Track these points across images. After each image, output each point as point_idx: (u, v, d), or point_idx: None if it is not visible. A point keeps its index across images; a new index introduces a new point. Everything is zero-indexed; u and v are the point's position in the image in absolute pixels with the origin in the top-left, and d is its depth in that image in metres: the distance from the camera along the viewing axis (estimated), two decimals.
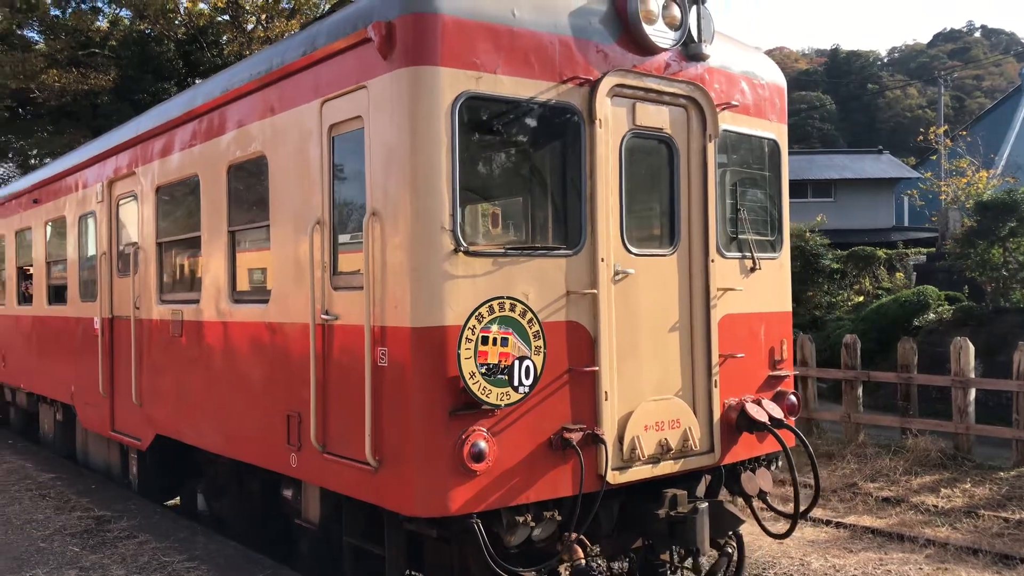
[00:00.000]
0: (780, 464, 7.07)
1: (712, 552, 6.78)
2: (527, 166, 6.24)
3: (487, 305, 5.28)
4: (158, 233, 8.92)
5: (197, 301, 8.04)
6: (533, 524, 5.57)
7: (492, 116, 5.66)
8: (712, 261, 6.53)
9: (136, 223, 9.39)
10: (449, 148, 5.34)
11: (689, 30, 6.36)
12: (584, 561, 5.65)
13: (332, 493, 6.30)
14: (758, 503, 7.07)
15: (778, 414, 6.67)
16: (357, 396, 5.64)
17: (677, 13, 6.28)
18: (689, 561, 6.81)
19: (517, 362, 5.35)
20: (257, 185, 7.11)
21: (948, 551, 8.76)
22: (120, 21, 29.43)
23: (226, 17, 28.40)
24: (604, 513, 6.02)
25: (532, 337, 5.44)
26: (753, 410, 6.53)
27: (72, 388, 11.32)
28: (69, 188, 11.61)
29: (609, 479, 5.78)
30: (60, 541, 8.40)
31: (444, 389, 5.26)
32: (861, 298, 21.43)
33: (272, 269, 6.90)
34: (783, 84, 7.44)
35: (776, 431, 6.60)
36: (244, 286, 7.57)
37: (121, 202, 9.92)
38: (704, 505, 6.26)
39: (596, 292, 5.87)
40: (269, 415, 6.79)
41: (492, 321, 5.29)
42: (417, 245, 5.30)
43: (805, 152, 45.16)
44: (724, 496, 6.91)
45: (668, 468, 6.18)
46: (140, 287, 9.20)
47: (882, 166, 41.60)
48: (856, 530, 9.52)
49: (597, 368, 5.84)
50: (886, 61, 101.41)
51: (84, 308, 10.86)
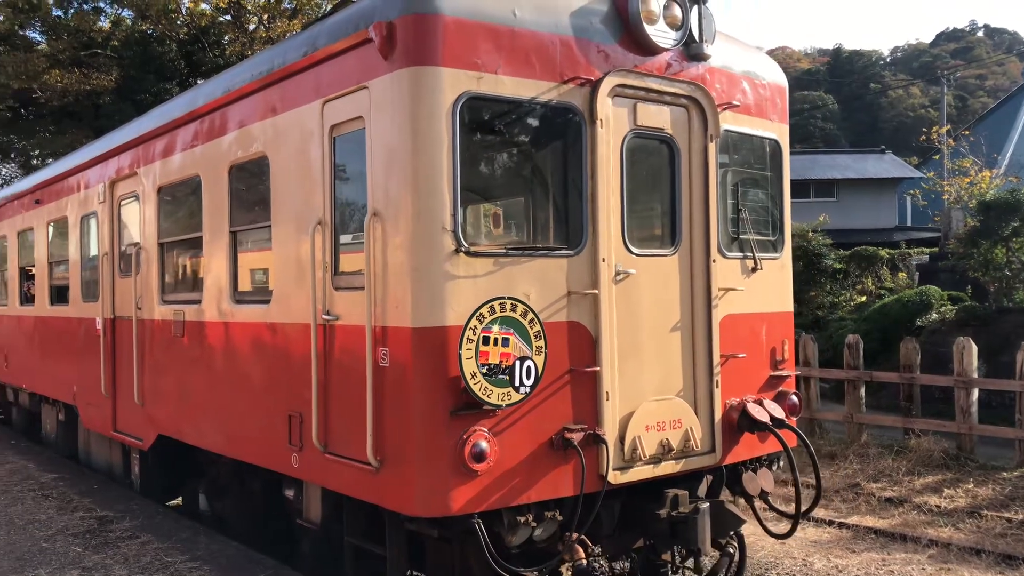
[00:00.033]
0: (782, 464, 7.06)
1: (713, 552, 6.78)
2: (528, 166, 6.24)
3: (488, 305, 5.28)
4: (160, 233, 8.93)
5: (199, 301, 8.05)
6: (534, 524, 5.57)
7: (493, 116, 5.66)
8: (713, 261, 6.52)
9: (138, 223, 9.40)
10: (450, 148, 5.34)
11: (690, 30, 6.35)
12: (585, 561, 5.64)
13: (333, 493, 6.30)
14: (760, 503, 7.06)
15: (779, 414, 6.67)
16: (358, 396, 5.64)
17: (678, 13, 6.27)
18: (690, 561, 6.81)
19: (518, 362, 5.35)
20: (259, 185, 7.12)
21: (951, 551, 8.75)
22: (122, 21, 29.47)
23: (228, 17, 28.42)
24: (605, 513, 6.02)
25: (533, 337, 5.44)
26: (754, 410, 6.53)
27: (74, 388, 11.33)
28: (71, 188, 11.62)
29: (610, 479, 5.78)
30: (63, 541, 8.41)
31: (445, 389, 5.26)
32: (864, 298, 21.42)
33: (273, 269, 6.90)
34: (784, 84, 7.43)
35: (777, 431, 6.60)
36: (246, 286, 7.58)
37: (123, 202, 9.94)
38: (705, 505, 6.26)
39: (597, 292, 5.86)
40: (270, 415, 6.80)
41: (493, 321, 5.29)
42: (418, 245, 5.31)
43: (808, 152, 45.16)
44: (725, 496, 6.91)
45: (669, 468, 6.18)
46: (142, 287, 9.21)
47: (885, 166, 41.59)
48: (859, 530, 9.52)
49: (598, 368, 5.84)
50: (889, 60, 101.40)
51: (86, 308, 10.87)
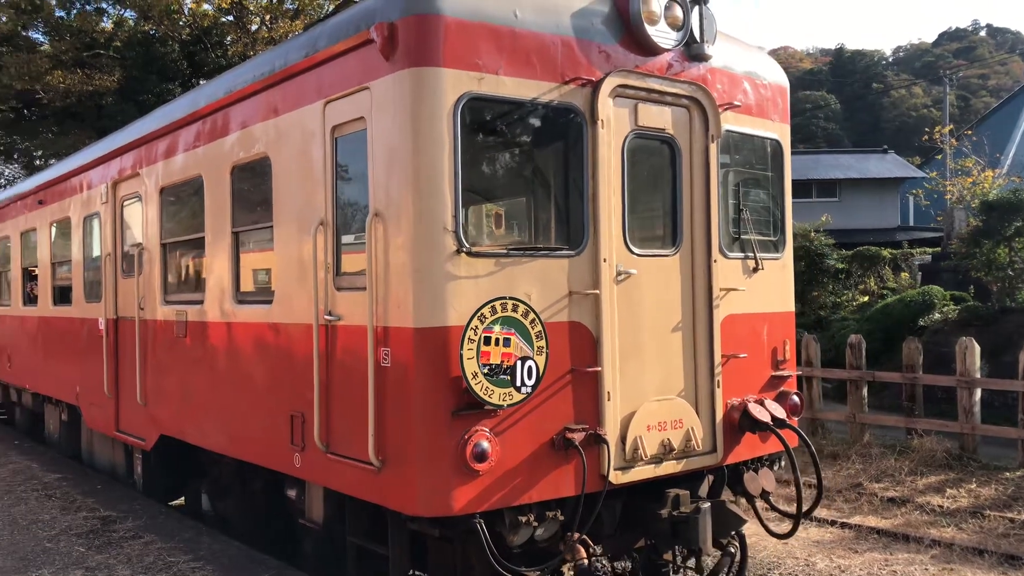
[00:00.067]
0: (783, 464, 7.06)
1: (715, 552, 6.78)
2: (529, 167, 6.25)
3: (489, 305, 5.29)
4: (162, 234, 8.95)
5: (201, 302, 8.06)
6: (536, 524, 5.58)
7: (494, 117, 5.68)
8: (715, 261, 6.52)
9: (140, 224, 9.42)
10: (451, 149, 5.35)
11: (691, 30, 6.35)
12: (587, 561, 5.65)
13: (335, 493, 6.31)
14: (761, 503, 7.07)
15: (781, 414, 6.67)
16: (360, 396, 5.65)
17: (679, 13, 6.27)
18: (692, 561, 6.81)
19: (519, 362, 5.35)
20: (261, 186, 7.13)
21: (954, 551, 8.75)
22: (124, 22, 29.52)
23: (230, 18, 28.47)
24: (607, 513, 6.02)
25: (534, 337, 5.44)
26: (756, 410, 6.53)
27: (77, 388, 11.36)
28: (74, 189, 11.65)
29: (611, 479, 5.78)
30: (66, 541, 8.43)
31: (447, 389, 5.27)
32: (866, 298, 21.39)
33: (276, 270, 6.92)
34: (786, 84, 7.43)
35: (778, 431, 6.60)
36: (248, 287, 7.59)
37: (125, 203, 9.96)
38: (707, 505, 6.27)
39: (598, 292, 5.87)
40: (273, 415, 6.81)
41: (495, 321, 5.29)
42: (420, 246, 5.32)
43: (810, 152, 45.18)
44: (727, 496, 6.91)
45: (671, 468, 6.18)
46: (144, 288, 9.23)
47: (887, 166, 41.56)
48: (861, 530, 9.52)
49: (599, 368, 5.84)
50: (891, 60, 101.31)
51: (89, 309, 10.89)
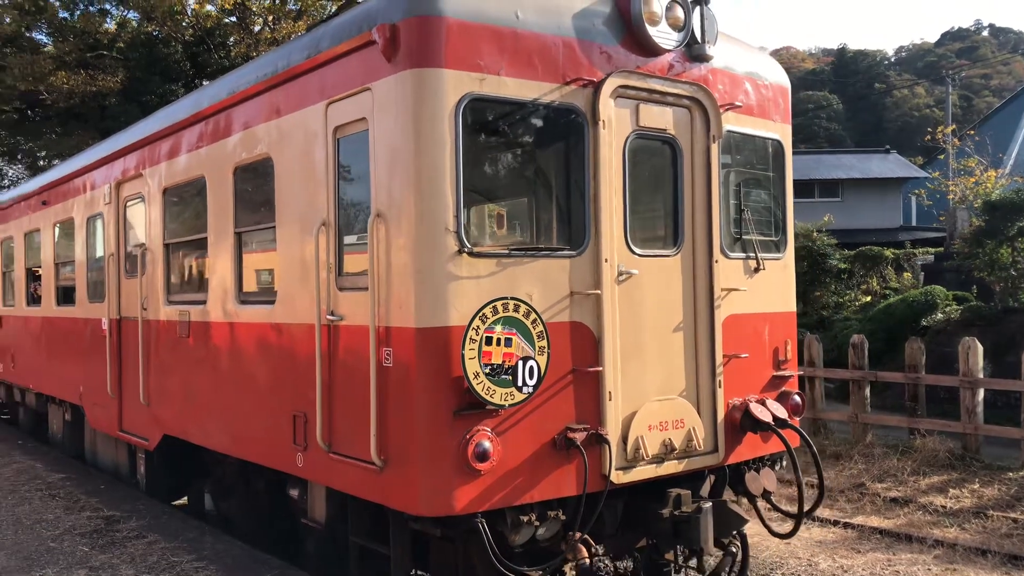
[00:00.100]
0: (784, 464, 7.07)
1: (716, 552, 6.79)
2: (531, 167, 6.27)
3: (491, 306, 5.30)
4: (165, 234, 8.98)
5: (204, 302, 8.08)
6: (537, 523, 5.60)
7: (496, 118, 5.69)
8: (716, 262, 6.53)
9: (143, 224, 9.45)
10: (453, 150, 5.36)
11: (692, 31, 6.37)
12: (588, 560, 5.67)
13: (338, 493, 6.33)
14: (763, 503, 7.08)
15: (782, 414, 6.68)
16: (362, 396, 5.67)
17: (680, 14, 6.29)
18: (693, 561, 6.82)
19: (521, 362, 5.37)
20: (263, 187, 7.15)
21: (957, 552, 8.74)
22: (128, 23, 29.53)
23: (233, 19, 28.47)
24: (608, 513, 6.03)
25: (536, 337, 5.46)
26: (757, 410, 6.54)
27: (80, 388, 11.39)
28: (77, 190, 11.68)
29: (613, 479, 5.80)
30: (70, 541, 8.45)
31: (448, 389, 5.29)
32: (868, 298, 21.37)
33: (278, 270, 6.94)
34: (787, 84, 7.44)
35: (780, 431, 6.61)
36: (250, 287, 7.61)
37: (128, 204, 9.98)
38: (708, 505, 6.28)
39: (600, 292, 5.88)
40: (275, 415, 6.83)
41: (496, 322, 5.31)
42: (421, 246, 5.33)
43: (812, 152, 45.12)
44: (728, 496, 6.91)
45: (672, 468, 6.19)
46: (147, 288, 9.26)
47: (889, 166, 41.50)
48: (864, 530, 9.52)
49: (601, 368, 5.86)
50: (893, 60, 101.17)
51: (92, 309, 10.92)
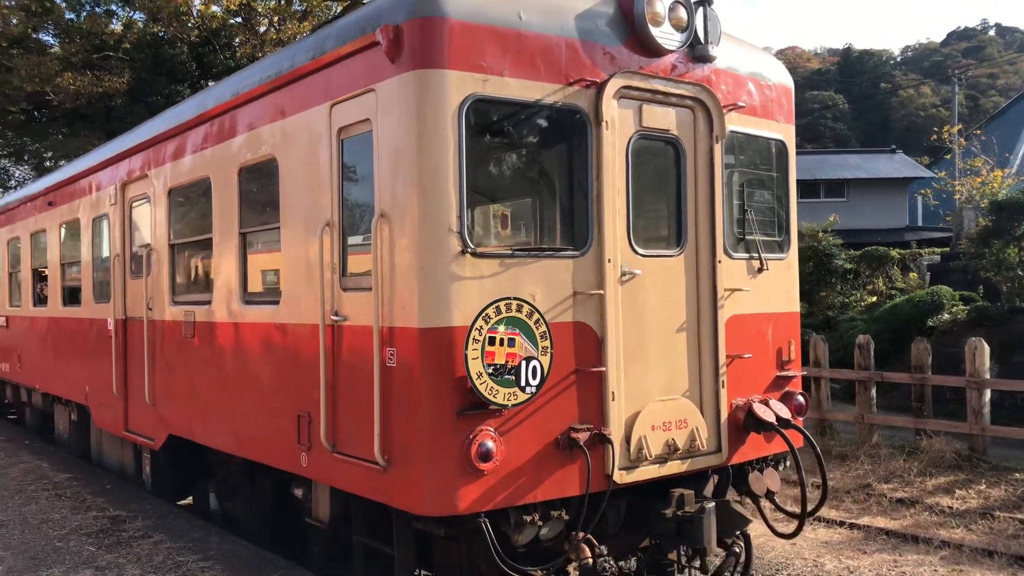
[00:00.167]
0: (788, 464, 7.06)
1: (720, 551, 6.79)
2: (534, 168, 6.28)
3: (494, 306, 5.31)
4: (170, 235, 9.01)
5: (209, 302, 8.11)
6: (540, 523, 5.61)
7: (499, 118, 5.70)
8: (719, 262, 6.54)
9: (149, 225, 9.48)
10: (456, 150, 5.38)
11: (696, 32, 6.37)
12: (592, 560, 5.67)
13: (342, 492, 6.34)
14: (766, 503, 7.07)
15: (785, 414, 6.68)
16: (366, 396, 5.68)
17: (683, 15, 6.29)
18: (697, 561, 6.82)
19: (524, 362, 5.38)
20: (268, 187, 7.17)
21: (963, 553, 8.73)
22: (134, 24, 29.65)
23: (239, 19, 28.57)
24: (611, 512, 6.04)
25: (539, 338, 5.47)
26: (760, 410, 6.54)
27: (86, 389, 11.43)
28: (83, 191, 11.72)
29: (616, 479, 5.81)
30: (76, 540, 8.49)
31: (452, 389, 5.30)
32: (874, 298, 21.34)
33: (283, 271, 6.96)
34: (790, 85, 7.44)
35: (783, 431, 6.61)
36: (255, 287, 7.63)
37: (134, 204, 10.02)
38: (711, 505, 6.28)
39: (603, 293, 5.89)
40: (280, 415, 6.85)
41: (499, 322, 5.32)
42: (425, 247, 5.35)
43: (818, 152, 45.06)
44: (732, 496, 6.92)
45: (675, 468, 6.20)
46: (153, 288, 9.29)
47: (895, 165, 41.40)
48: (870, 531, 9.50)
49: (604, 368, 5.86)
50: (899, 60, 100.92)
51: (98, 309, 10.96)
